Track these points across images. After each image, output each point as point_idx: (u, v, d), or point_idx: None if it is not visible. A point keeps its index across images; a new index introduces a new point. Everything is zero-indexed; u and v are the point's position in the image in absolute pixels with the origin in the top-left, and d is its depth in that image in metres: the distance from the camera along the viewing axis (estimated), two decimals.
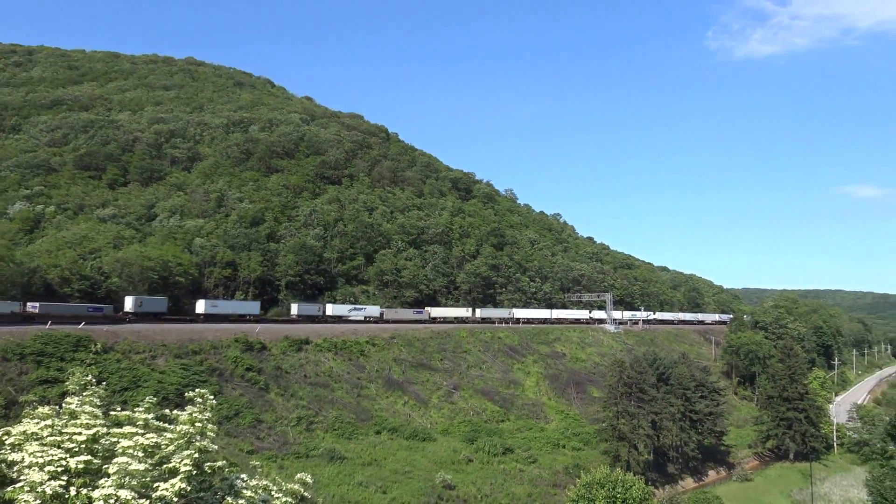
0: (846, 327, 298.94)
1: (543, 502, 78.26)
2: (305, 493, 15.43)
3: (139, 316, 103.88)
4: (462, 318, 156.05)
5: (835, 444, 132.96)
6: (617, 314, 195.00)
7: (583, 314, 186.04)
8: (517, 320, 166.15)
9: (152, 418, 14.85)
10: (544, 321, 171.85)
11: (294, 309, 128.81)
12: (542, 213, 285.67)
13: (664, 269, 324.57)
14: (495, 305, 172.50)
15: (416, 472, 75.62)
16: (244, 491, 14.09)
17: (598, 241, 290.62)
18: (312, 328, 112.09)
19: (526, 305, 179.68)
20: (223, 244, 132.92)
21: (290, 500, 14.81)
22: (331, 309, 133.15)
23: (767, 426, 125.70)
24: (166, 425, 14.84)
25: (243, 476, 14.76)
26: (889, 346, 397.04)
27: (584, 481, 56.15)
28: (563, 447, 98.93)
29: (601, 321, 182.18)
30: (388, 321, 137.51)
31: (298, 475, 15.73)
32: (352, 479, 69.36)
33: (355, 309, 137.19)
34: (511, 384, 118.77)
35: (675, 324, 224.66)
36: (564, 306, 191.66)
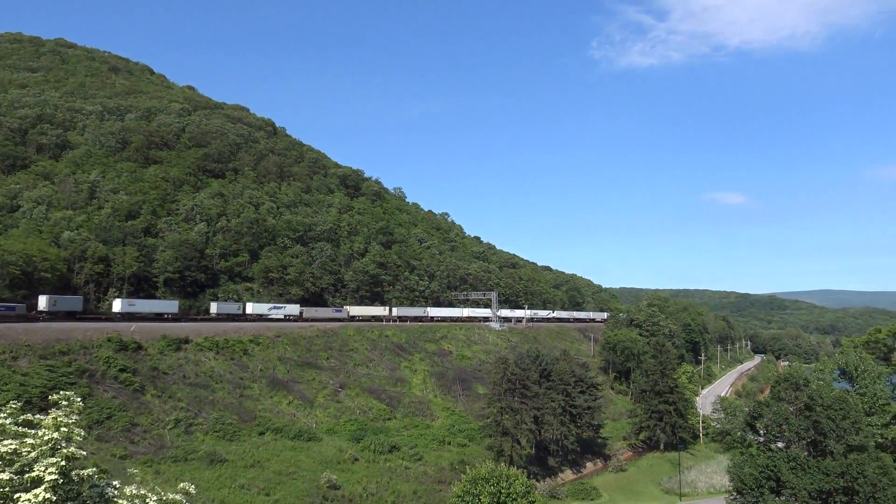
0: (712, 325, 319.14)
1: (429, 499, 78.74)
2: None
3: (53, 315, 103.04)
4: (379, 316, 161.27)
5: (701, 435, 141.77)
6: (521, 312, 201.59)
7: (488, 312, 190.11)
8: (431, 318, 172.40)
9: (10, 424, 13.70)
10: (456, 319, 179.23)
11: (213, 308, 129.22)
12: (430, 211, 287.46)
13: (547, 268, 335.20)
14: (383, 303, 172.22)
15: (301, 473, 74.25)
16: (117, 500, 13.26)
17: (485, 241, 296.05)
18: (192, 327, 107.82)
19: (413, 304, 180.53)
20: (95, 238, 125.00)
21: None
22: (251, 308, 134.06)
23: (640, 418, 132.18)
24: (27, 430, 13.72)
25: (115, 483, 13.89)
26: (749, 342, 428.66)
27: (469, 477, 56.89)
28: (449, 444, 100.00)
29: (487, 319, 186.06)
30: (307, 319, 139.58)
31: (181, 485, 15.02)
32: (233, 481, 67.24)
33: (275, 307, 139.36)
34: (398, 382, 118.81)
35: (571, 322, 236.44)
36: (451, 304, 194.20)
